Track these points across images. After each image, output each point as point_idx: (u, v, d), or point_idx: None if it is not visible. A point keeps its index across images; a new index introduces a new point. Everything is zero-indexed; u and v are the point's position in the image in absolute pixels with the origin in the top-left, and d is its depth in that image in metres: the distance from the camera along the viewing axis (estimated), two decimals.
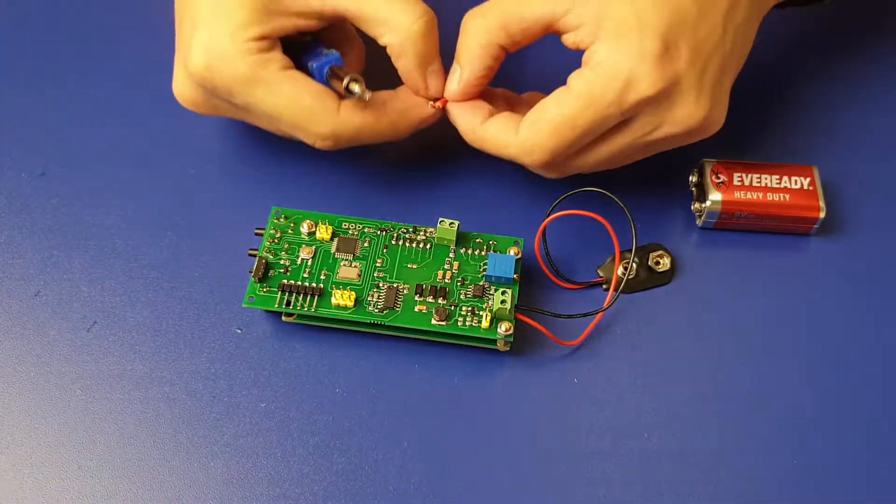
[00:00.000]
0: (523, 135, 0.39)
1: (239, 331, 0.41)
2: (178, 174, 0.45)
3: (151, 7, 0.51)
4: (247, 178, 0.45)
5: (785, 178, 0.43)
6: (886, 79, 0.50)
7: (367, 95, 0.39)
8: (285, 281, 0.40)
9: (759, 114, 0.48)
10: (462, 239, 0.41)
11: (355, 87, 0.39)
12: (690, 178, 0.44)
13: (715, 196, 0.42)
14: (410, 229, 0.42)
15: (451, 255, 0.41)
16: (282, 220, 0.42)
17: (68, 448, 0.38)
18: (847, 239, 0.44)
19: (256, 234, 0.41)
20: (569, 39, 0.39)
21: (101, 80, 0.49)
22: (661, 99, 0.38)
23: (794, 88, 0.49)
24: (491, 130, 0.40)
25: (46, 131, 0.47)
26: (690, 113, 0.38)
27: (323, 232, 0.41)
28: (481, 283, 0.40)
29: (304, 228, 0.41)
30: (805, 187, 0.43)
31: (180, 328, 0.41)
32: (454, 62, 0.41)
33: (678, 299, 0.42)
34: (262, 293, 0.39)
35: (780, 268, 0.43)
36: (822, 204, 0.42)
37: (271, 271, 0.40)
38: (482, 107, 0.41)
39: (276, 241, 0.41)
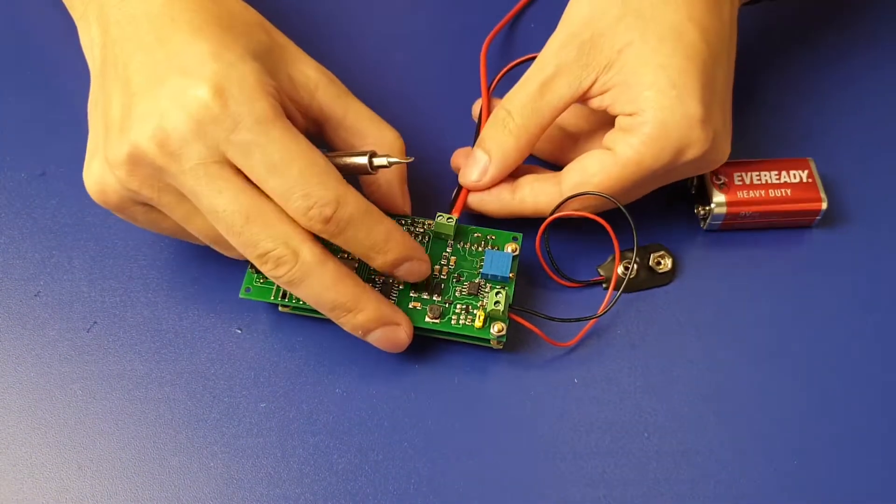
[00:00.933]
0: (567, 193, 0.39)
1: (239, 331, 0.41)
2: None
3: None
4: None
5: (783, 172, 0.43)
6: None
7: (411, 159, 0.39)
8: None
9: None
10: (461, 232, 0.41)
11: (393, 158, 0.38)
12: (690, 181, 0.44)
13: (718, 198, 0.42)
14: (409, 221, 0.42)
15: (448, 249, 0.41)
16: None
17: (68, 448, 0.38)
18: (848, 227, 0.44)
19: None
20: (594, 103, 0.40)
21: None
22: (704, 157, 0.39)
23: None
24: (529, 201, 0.41)
25: (46, 131, 0.47)
26: (723, 154, 0.41)
27: None
28: (476, 281, 0.40)
29: None
30: (804, 180, 0.43)
31: (180, 328, 0.41)
32: (477, 148, 0.41)
33: (679, 299, 0.42)
34: (258, 284, 0.40)
35: (783, 263, 0.43)
36: (823, 195, 0.42)
37: None
38: (506, 185, 0.41)
39: None
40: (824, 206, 0.42)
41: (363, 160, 0.38)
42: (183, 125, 0.34)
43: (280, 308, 0.40)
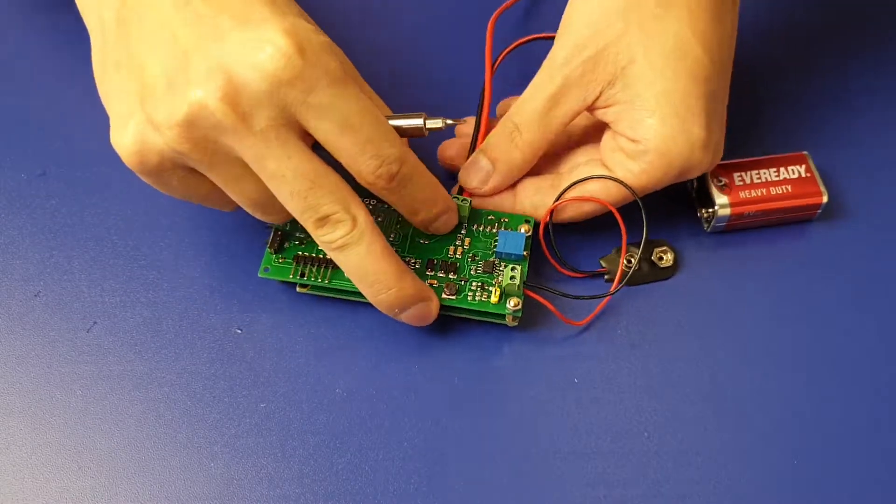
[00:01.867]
0: (570, 213, 0.41)
1: (239, 331, 0.41)
2: None
3: None
4: None
5: (781, 169, 0.43)
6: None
7: (464, 119, 0.41)
8: (300, 252, 0.40)
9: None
10: (474, 216, 0.41)
11: (449, 121, 0.39)
12: (690, 184, 0.44)
13: (721, 199, 0.42)
14: None
15: (462, 231, 0.41)
16: None
17: (68, 448, 0.38)
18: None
19: None
20: (597, 114, 0.40)
21: None
22: (700, 171, 0.40)
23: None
24: (529, 212, 0.41)
25: (46, 131, 0.47)
26: (718, 159, 0.41)
27: None
28: (491, 260, 0.40)
29: None
30: (803, 175, 0.43)
31: (180, 328, 0.41)
32: (481, 154, 0.41)
33: (679, 298, 0.42)
34: (277, 264, 0.40)
35: (785, 260, 0.43)
36: (822, 188, 0.43)
37: (286, 243, 0.40)
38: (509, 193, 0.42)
39: None
40: (825, 199, 0.42)
41: (418, 122, 0.38)
42: (257, 84, 0.32)
43: (298, 289, 0.40)
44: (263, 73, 0.32)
